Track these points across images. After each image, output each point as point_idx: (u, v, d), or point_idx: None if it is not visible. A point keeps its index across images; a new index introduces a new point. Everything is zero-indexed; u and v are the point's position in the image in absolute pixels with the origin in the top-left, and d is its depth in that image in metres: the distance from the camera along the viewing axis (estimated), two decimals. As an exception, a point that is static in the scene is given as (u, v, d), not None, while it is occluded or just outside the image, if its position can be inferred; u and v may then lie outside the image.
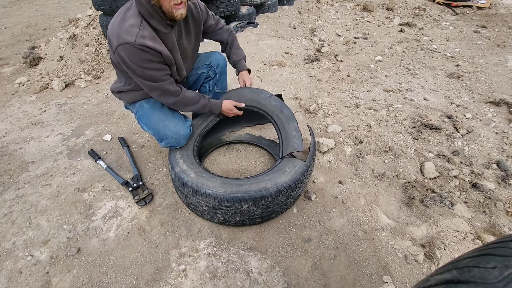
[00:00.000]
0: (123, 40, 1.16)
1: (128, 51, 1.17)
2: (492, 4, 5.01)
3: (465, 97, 2.43)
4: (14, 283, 1.19)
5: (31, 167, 1.80)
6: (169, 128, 1.45)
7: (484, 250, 0.46)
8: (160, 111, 1.48)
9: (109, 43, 1.23)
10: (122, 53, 1.18)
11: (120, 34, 1.17)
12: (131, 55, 1.18)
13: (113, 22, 1.23)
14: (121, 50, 1.17)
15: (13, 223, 1.44)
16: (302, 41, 3.78)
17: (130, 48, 1.16)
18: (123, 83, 1.44)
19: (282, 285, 1.17)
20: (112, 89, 1.51)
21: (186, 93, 1.42)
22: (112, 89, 1.52)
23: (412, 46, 3.56)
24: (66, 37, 3.19)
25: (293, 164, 1.38)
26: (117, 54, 1.20)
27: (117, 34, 1.17)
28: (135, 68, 1.22)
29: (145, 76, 1.26)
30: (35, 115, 2.37)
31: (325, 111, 2.24)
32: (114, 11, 2.57)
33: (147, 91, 1.36)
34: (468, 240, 1.33)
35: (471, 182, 1.60)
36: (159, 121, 1.46)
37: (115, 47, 1.18)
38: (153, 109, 1.48)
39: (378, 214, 1.46)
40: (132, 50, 1.17)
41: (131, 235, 1.37)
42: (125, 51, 1.17)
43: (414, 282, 1.18)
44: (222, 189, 1.24)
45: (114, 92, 1.52)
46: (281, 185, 1.26)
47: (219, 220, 1.34)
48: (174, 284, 1.18)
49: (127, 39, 1.15)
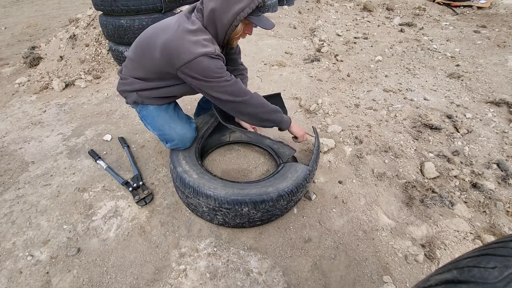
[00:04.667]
0: (196, 54, 1.14)
1: (207, 62, 1.16)
2: (492, 4, 5.00)
3: (465, 97, 2.43)
4: (14, 283, 1.19)
5: (31, 167, 1.80)
6: (175, 130, 1.45)
7: (484, 250, 0.46)
8: (166, 113, 1.47)
9: (169, 58, 1.19)
10: (199, 67, 1.16)
11: (189, 50, 1.14)
12: (209, 67, 1.17)
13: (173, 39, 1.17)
14: (198, 64, 1.15)
15: (13, 223, 1.44)
16: (302, 41, 3.78)
17: (205, 59, 1.15)
18: (153, 87, 1.37)
19: (282, 285, 1.17)
20: (131, 89, 1.41)
21: (254, 94, 1.35)
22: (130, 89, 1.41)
23: (412, 46, 3.56)
24: (66, 37, 3.19)
25: (295, 168, 1.37)
26: (187, 68, 1.17)
27: (184, 51, 1.15)
28: (211, 80, 1.20)
29: (222, 83, 1.23)
30: (35, 115, 2.37)
31: (325, 111, 2.24)
32: (114, 11, 2.57)
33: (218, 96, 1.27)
34: (468, 240, 1.33)
35: (471, 182, 1.60)
36: (164, 123, 1.45)
37: (188, 61, 1.15)
38: (158, 110, 1.46)
39: (378, 214, 1.46)
40: (208, 61, 1.16)
41: (131, 235, 1.37)
42: (203, 64, 1.15)
43: (414, 282, 1.18)
44: (223, 191, 1.24)
45: (130, 91, 1.42)
46: (282, 190, 1.26)
47: (219, 222, 1.34)
48: (174, 284, 1.18)
49: (200, 51, 1.14)
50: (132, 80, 1.40)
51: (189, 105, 2.37)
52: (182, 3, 2.78)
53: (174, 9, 2.80)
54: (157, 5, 2.58)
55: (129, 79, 1.41)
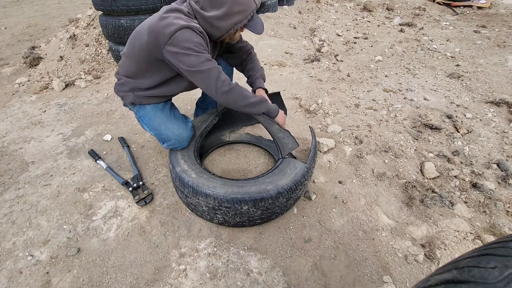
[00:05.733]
0: (179, 25, 1.14)
1: (188, 35, 1.15)
2: (492, 4, 5.00)
3: (465, 97, 2.43)
4: (14, 283, 1.19)
5: (31, 167, 1.80)
6: (172, 130, 1.45)
7: (484, 250, 0.46)
8: (162, 112, 1.47)
9: (155, 37, 1.18)
10: (179, 39, 1.14)
11: (172, 23, 1.14)
12: (190, 38, 1.16)
13: (158, 20, 1.19)
14: (180, 35, 1.14)
15: (13, 223, 1.44)
16: (302, 41, 3.78)
17: (188, 31, 1.15)
18: (148, 86, 1.37)
19: (282, 285, 1.17)
20: (127, 89, 1.42)
21: (238, 84, 1.35)
22: (126, 89, 1.42)
23: (412, 46, 3.56)
24: (66, 37, 3.19)
25: (294, 165, 1.37)
26: (171, 45, 1.15)
27: (167, 24, 1.15)
28: (191, 53, 1.17)
29: (202, 59, 1.20)
30: (35, 115, 2.37)
31: (325, 111, 2.24)
32: (114, 11, 2.57)
33: (200, 80, 1.25)
34: (468, 240, 1.33)
35: (471, 182, 1.60)
36: (161, 123, 1.46)
37: (171, 34, 1.14)
38: (155, 110, 1.46)
39: (378, 214, 1.46)
40: (190, 33, 1.16)
41: (131, 235, 1.37)
42: (184, 35, 1.14)
43: (414, 282, 1.18)
44: (223, 190, 1.24)
45: (126, 92, 1.43)
46: (281, 187, 1.26)
47: (218, 221, 1.34)
48: (174, 284, 1.18)
49: (182, 23, 1.14)
50: (125, 80, 1.41)
51: (189, 105, 2.37)
52: (182, 3, 2.78)
53: (174, 9, 2.80)
54: (157, 5, 2.58)
55: (125, 79, 1.42)
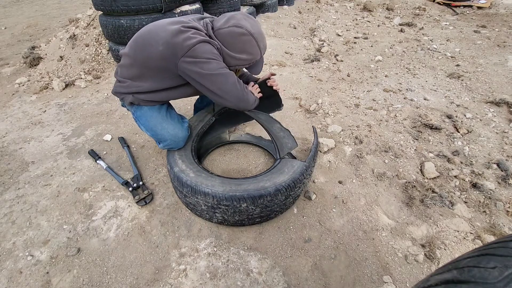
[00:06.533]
0: (199, 39, 1.20)
1: (208, 47, 1.23)
2: (492, 4, 5.01)
3: (465, 97, 2.43)
4: (14, 283, 1.19)
5: (31, 167, 1.80)
6: (167, 130, 1.45)
7: (484, 250, 0.46)
8: (158, 113, 1.47)
9: (172, 49, 1.21)
10: (199, 51, 1.20)
11: (191, 37, 1.20)
12: (210, 50, 1.23)
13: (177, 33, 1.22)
14: (199, 48, 1.20)
15: (13, 223, 1.44)
16: (302, 41, 3.78)
17: (207, 45, 1.23)
18: (148, 89, 1.38)
19: (282, 285, 1.17)
20: (127, 91, 1.41)
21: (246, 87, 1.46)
22: (126, 90, 1.41)
23: (412, 46, 3.56)
24: (66, 37, 3.19)
25: (292, 164, 1.38)
26: (189, 56, 1.20)
27: (187, 37, 1.20)
28: (212, 60, 1.23)
29: (222, 65, 1.28)
30: (35, 115, 2.37)
31: (325, 111, 2.24)
32: (114, 11, 2.57)
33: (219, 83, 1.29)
34: (468, 240, 1.33)
35: (471, 182, 1.60)
36: (157, 123, 1.46)
37: (190, 46, 1.19)
38: (151, 110, 1.47)
39: (378, 214, 1.46)
40: (210, 47, 1.23)
41: (131, 235, 1.37)
42: (204, 48, 1.21)
43: (414, 282, 1.18)
44: (221, 188, 1.24)
45: (125, 93, 1.42)
46: (279, 184, 1.27)
47: (218, 220, 1.34)
48: (174, 284, 1.18)
49: (202, 38, 1.21)
50: (130, 83, 1.40)
51: (188, 105, 2.37)
52: (181, 3, 2.78)
53: (174, 9, 2.80)
54: (157, 5, 2.58)
55: (127, 81, 1.41)
